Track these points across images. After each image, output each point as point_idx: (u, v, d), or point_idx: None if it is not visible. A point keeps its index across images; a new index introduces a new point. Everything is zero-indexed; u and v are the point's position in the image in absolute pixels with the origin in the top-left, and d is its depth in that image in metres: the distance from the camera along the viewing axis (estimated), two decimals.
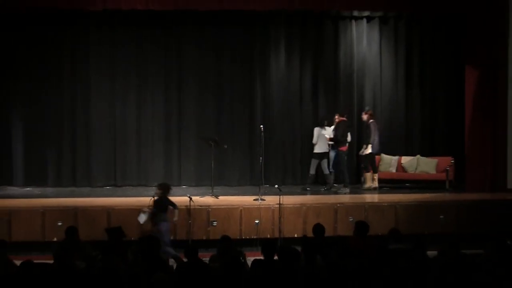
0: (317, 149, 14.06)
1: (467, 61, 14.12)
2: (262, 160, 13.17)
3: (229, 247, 8.18)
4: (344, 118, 14.10)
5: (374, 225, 11.16)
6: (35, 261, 7.04)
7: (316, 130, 14.08)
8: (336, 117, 14.16)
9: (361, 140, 14.94)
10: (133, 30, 14.80)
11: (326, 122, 14.27)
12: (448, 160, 14.39)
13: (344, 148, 13.93)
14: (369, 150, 14.03)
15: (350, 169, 14.55)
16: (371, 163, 14.21)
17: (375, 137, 14.07)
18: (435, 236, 11.29)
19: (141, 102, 14.94)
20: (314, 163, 14.09)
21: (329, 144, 14.12)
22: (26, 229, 11.20)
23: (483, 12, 13.74)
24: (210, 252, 10.01)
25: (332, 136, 14.06)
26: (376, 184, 14.14)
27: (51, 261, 8.13)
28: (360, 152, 14.26)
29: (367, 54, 15.40)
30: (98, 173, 14.76)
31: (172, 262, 9.63)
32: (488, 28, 13.76)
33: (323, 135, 14.03)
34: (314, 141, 14.07)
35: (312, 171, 14.13)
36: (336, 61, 15.32)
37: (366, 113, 14.23)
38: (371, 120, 14.09)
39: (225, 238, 8.38)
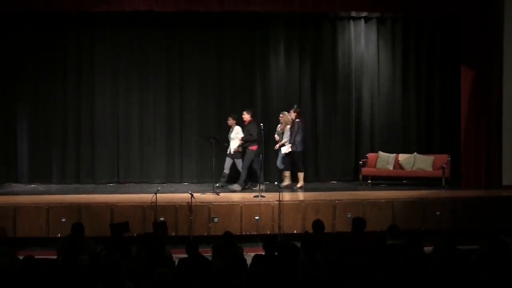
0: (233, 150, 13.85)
1: (462, 61, 14.17)
2: (262, 157, 13.34)
3: (229, 244, 8.33)
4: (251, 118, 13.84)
5: (371, 221, 11.35)
6: (39, 257, 7.19)
7: (240, 128, 13.87)
8: (244, 116, 13.86)
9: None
10: (136, 31, 14.93)
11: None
12: (444, 158, 14.49)
13: (254, 148, 13.60)
14: (288, 149, 13.82)
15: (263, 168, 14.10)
16: (294, 161, 14.07)
17: (296, 136, 13.82)
18: (432, 232, 11.47)
19: (144, 102, 15.04)
20: (228, 162, 13.92)
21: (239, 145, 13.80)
22: (31, 225, 11.35)
23: (477, 14, 13.79)
24: (211, 248, 10.23)
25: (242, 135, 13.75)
26: (302, 182, 13.99)
27: (55, 257, 8.36)
28: (284, 151, 13.95)
29: (365, 54, 15.47)
30: (101, 171, 14.86)
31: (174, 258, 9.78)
32: (482, 29, 13.80)
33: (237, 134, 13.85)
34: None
35: (227, 170, 13.94)
36: (334, 61, 15.39)
37: (294, 112, 14.01)
38: (297, 120, 13.94)
39: (227, 235, 8.54)
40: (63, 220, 11.23)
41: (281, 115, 14.24)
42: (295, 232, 11.61)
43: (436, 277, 6.53)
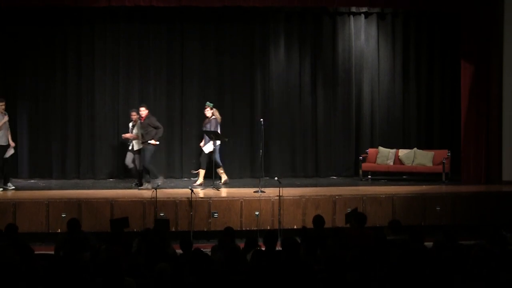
0: (135, 147, 13.40)
1: (462, 56, 14.25)
2: (262, 152, 13.33)
3: (231, 239, 8.33)
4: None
5: (372, 217, 11.36)
6: (39, 252, 7.18)
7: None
8: (142, 112, 13.17)
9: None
10: (136, 27, 14.94)
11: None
12: (445, 153, 14.49)
13: (153, 142, 13.10)
14: (211, 147, 13.44)
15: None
16: (203, 158, 13.69)
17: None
18: (432, 227, 11.52)
19: (144, 96, 14.97)
20: (130, 156, 13.51)
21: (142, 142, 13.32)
22: (31, 220, 11.33)
23: (477, 10, 13.87)
24: (211, 243, 10.24)
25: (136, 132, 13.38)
26: (201, 180, 13.59)
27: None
28: (207, 150, 13.59)
29: (365, 49, 15.49)
30: (101, 166, 14.88)
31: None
32: (482, 25, 13.87)
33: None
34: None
35: (131, 165, 13.51)
36: (334, 56, 15.41)
37: (211, 109, 13.70)
38: (213, 117, 13.66)
39: (229, 230, 8.54)
40: (63, 215, 11.21)
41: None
42: (295, 227, 11.61)
43: (437, 272, 6.53)
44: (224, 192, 12.65)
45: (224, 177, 13.79)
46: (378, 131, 15.56)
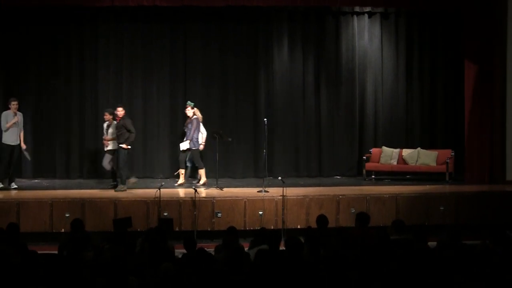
0: (110, 147, 13.28)
1: (465, 55, 14.22)
2: (265, 152, 13.33)
3: (235, 239, 8.33)
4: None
5: (375, 216, 11.35)
6: (43, 252, 7.17)
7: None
8: (119, 112, 12.87)
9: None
10: (139, 26, 14.97)
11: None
12: (448, 153, 14.48)
13: (125, 146, 12.90)
14: (187, 145, 13.45)
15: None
16: (193, 159, 13.65)
17: (194, 133, 13.44)
18: (435, 227, 11.49)
19: (147, 96, 15.07)
20: (107, 158, 13.38)
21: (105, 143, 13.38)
22: (35, 220, 11.37)
23: (479, 8, 13.84)
24: (215, 242, 10.24)
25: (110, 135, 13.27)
26: (204, 179, 13.53)
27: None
28: (183, 147, 13.56)
29: (369, 48, 15.49)
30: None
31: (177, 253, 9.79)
32: (485, 24, 13.84)
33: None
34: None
35: (108, 167, 13.40)
36: (338, 56, 15.41)
37: (192, 108, 13.63)
38: (195, 116, 13.59)
39: (231, 229, 8.54)
40: (67, 215, 11.24)
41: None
42: (298, 227, 11.61)
43: (440, 272, 6.51)
44: (227, 192, 12.64)
45: (181, 180, 13.61)
46: (381, 130, 15.55)
